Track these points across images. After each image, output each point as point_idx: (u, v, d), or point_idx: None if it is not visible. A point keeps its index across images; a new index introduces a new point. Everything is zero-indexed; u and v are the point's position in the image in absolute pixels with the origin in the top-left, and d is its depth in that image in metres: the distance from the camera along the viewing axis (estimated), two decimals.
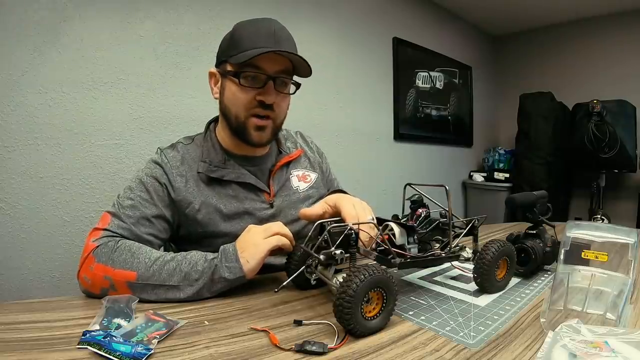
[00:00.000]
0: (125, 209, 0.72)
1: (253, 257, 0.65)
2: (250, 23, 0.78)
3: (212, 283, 0.64)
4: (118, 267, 0.64)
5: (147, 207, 0.74)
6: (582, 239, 0.59)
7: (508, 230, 1.19)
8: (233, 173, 0.81)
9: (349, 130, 2.33)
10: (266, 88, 0.75)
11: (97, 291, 0.65)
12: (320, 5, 2.16)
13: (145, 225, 0.73)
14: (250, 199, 0.82)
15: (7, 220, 1.26)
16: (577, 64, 3.21)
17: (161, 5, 1.56)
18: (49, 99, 1.31)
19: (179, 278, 0.63)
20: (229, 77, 0.77)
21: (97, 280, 0.64)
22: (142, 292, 0.63)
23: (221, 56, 0.80)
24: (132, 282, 0.63)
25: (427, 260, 0.65)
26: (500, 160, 3.27)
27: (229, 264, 0.64)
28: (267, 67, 0.74)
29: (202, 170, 0.79)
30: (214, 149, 0.83)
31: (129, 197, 0.74)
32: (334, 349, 0.48)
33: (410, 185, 0.74)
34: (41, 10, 1.29)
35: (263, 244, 0.66)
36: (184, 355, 0.46)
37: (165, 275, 0.63)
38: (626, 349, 0.41)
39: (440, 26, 3.03)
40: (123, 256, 0.65)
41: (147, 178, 0.77)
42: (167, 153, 0.81)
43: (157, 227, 0.75)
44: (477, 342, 0.51)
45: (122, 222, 0.71)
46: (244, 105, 0.76)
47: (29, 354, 0.44)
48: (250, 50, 0.72)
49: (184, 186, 0.78)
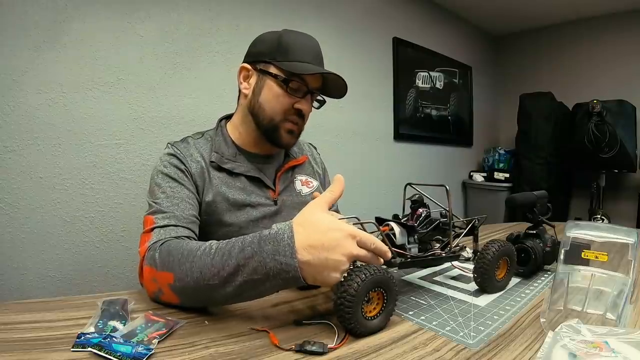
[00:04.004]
0: (162, 201, 0.74)
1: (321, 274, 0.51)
2: (297, 35, 0.82)
3: (256, 276, 0.51)
4: (159, 270, 0.59)
5: (178, 191, 0.76)
6: (582, 239, 0.60)
7: (508, 230, 1.19)
8: (242, 166, 0.85)
9: (349, 130, 2.33)
10: (306, 99, 0.82)
11: (152, 296, 0.62)
12: (320, 5, 2.16)
13: (186, 207, 0.74)
14: (256, 194, 0.85)
15: (7, 220, 1.26)
16: (577, 64, 3.21)
17: (161, 5, 1.56)
18: (49, 99, 1.31)
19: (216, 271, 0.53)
20: (273, 79, 0.80)
21: (149, 284, 0.62)
22: (185, 296, 0.57)
23: (264, 56, 0.81)
24: (171, 284, 0.57)
25: (427, 260, 0.65)
26: (500, 160, 3.27)
27: (281, 257, 0.50)
28: (310, 82, 0.81)
29: (214, 159, 0.82)
30: (225, 143, 0.87)
31: (160, 191, 0.76)
32: (334, 348, 0.48)
33: (410, 185, 0.74)
34: (41, 10, 1.29)
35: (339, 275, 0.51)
36: (184, 355, 0.46)
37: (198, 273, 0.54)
38: (626, 349, 0.41)
39: (440, 26, 3.03)
40: (165, 257, 0.60)
41: (168, 169, 0.79)
42: (178, 145, 0.84)
43: (195, 207, 0.77)
44: (477, 342, 0.51)
45: (164, 213, 0.71)
46: (283, 109, 0.81)
47: (29, 354, 0.44)
48: (304, 63, 0.79)
49: (199, 172, 0.81)
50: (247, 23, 1.79)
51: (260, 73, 0.82)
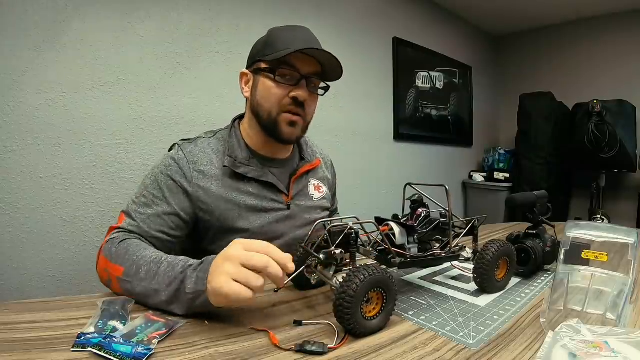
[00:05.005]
0: (138, 206, 0.76)
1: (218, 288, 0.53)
2: (286, 28, 0.82)
3: (177, 294, 0.56)
4: (112, 262, 0.65)
5: (158, 204, 0.76)
6: (582, 239, 0.60)
7: (508, 230, 1.19)
8: (256, 171, 0.83)
9: (349, 130, 2.33)
10: (299, 85, 0.79)
11: (105, 283, 0.68)
12: (320, 5, 2.16)
13: (155, 222, 0.75)
14: (269, 199, 0.85)
15: (7, 220, 1.26)
16: (577, 64, 3.21)
17: (161, 5, 1.56)
18: (49, 99, 1.31)
19: (153, 285, 0.58)
20: (263, 74, 0.80)
21: (102, 274, 0.68)
22: (128, 289, 0.61)
23: (255, 57, 0.83)
24: (119, 277, 0.63)
25: (427, 260, 0.65)
26: (500, 160, 3.27)
27: (200, 273, 0.56)
28: (301, 67, 0.78)
29: (227, 164, 0.81)
30: (239, 145, 0.85)
31: (142, 194, 0.78)
32: (334, 349, 0.48)
33: (410, 185, 0.74)
34: (41, 10, 1.29)
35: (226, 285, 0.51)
36: (184, 355, 0.46)
37: (142, 276, 0.60)
38: (626, 349, 0.41)
39: (440, 26, 3.03)
40: (120, 252, 0.66)
41: (161, 176, 0.79)
42: (185, 148, 0.82)
43: (169, 224, 0.76)
44: (477, 342, 0.51)
45: (132, 220, 0.74)
46: (277, 101, 0.79)
47: (28, 354, 0.44)
48: (288, 49, 0.75)
49: (203, 179, 0.79)
50: (247, 23, 1.79)
51: (254, 73, 0.83)
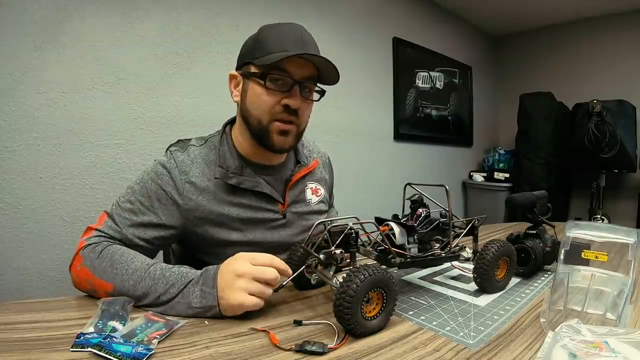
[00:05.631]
0: (123, 211, 0.72)
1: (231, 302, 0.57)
2: (276, 26, 0.76)
3: (178, 306, 0.59)
4: (98, 276, 0.63)
5: (145, 213, 0.72)
6: (582, 239, 0.60)
7: (508, 230, 1.19)
8: (249, 181, 0.78)
9: (349, 130, 2.33)
10: (292, 92, 0.73)
11: (82, 290, 0.67)
12: (320, 5, 2.16)
13: (139, 230, 0.71)
14: (263, 209, 0.80)
15: (7, 220, 1.26)
16: (577, 64, 3.21)
17: (161, 5, 1.56)
18: (49, 99, 1.31)
19: (152, 299, 0.59)
20: (253, 79, 0.74)
21: (82, 282, 0.66)
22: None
23: (244, 58, 0.77)
24: (110, 293, 0.62)
25: (427, 260, 0.65)
26: (500, 160, 3.27)
27: (206, 288, 0.58)
28: (293, 72, 0.72)
29: (219, 176, 0.76)
30: (230, 154, 0.80)
31: (129, 199, 0.73)
32: (334, 349, 0.48)
33: (410, 185, 0.74)
34: (41, 10, 1.29)
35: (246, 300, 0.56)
36: (184, 355, 0.46)
37: (139, 294, 0.60)
38: (626, 349, 0.41)
39: (440, 26, 3.03)
40: (104, 264, 0.63)
41: (151, 183, 0.74)
42: (177, 157, 0.77)
43: (153, 234, 0.72)
44: (477, 342, 0.51)
45: (115, 224, 0.70)
46: (268, 109, 0.74)
47: (29, 354, 0.44)
48: (279, 52, 0.70)
49: (194, 191, 0.75)
50: (247, 22, 1.79)
51: (244, 76, 0.77)
